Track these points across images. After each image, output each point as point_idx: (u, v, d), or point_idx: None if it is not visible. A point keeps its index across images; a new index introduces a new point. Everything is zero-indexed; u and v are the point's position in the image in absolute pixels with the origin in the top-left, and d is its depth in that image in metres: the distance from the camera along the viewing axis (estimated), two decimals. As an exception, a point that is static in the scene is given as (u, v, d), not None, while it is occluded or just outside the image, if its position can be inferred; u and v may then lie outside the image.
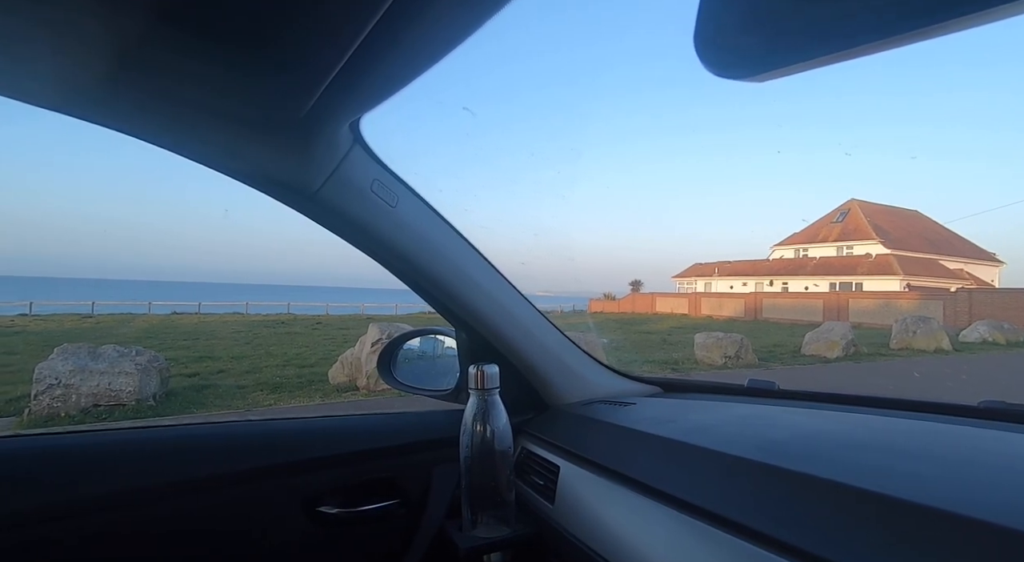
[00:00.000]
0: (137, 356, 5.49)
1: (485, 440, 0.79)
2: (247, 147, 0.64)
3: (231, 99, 0.55)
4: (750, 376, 1.02)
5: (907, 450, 0.58)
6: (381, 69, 0.52)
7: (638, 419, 0.85)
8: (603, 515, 0.71)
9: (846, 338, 10.23)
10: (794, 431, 0.68)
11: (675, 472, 0.67)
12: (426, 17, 0.45)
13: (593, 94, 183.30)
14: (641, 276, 57.38)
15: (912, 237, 30.51)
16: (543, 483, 0.85)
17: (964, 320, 16.57)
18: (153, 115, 0.59)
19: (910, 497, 0.46)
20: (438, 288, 0.86)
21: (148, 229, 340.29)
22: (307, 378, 7.03)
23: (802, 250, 34.23)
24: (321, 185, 0.69)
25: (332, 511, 0.85)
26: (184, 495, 0.77)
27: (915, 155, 65.69)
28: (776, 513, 0.52)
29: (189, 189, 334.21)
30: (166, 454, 0.79)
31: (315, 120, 0.60)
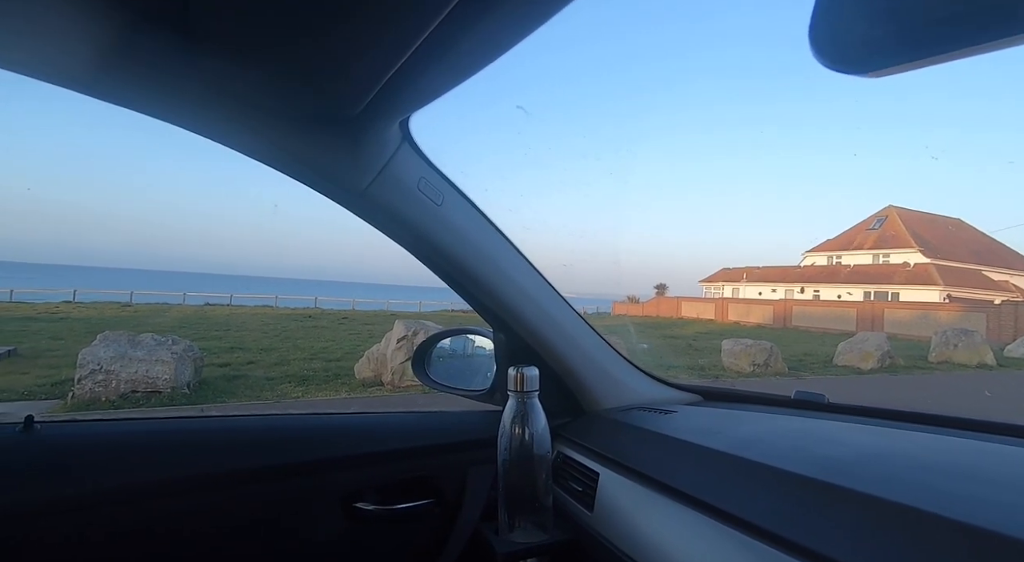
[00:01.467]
0: (173, 345, 5.68)
1: (524, 443, 0.78)
2: (300, 143, 0.64)
3: (288, 97, 0.56)
4: (780, 385, 0.99)
5: (972, 473, 0.54)
6: (436, 69, 0.52)
7: (681, 428, 0.83)
8: (644, 524, 0.69)
9: (881, 349, 9.87)
10: (853, 449, 0.65)
11: (723, 484, 0.65)
12: (486, 20, 0.44)
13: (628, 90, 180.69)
14: (667, 280, 56.55)
15: (954, 246, 29.26)
16: (581, 489, 0.84)
17: (1009, 334, 15.81)
18: (213, 111, 0.60)
19: (979, 523, 0.43)
20: (479, 287, 0.86)
21: (183, 223, 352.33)
22: (333, 372, 7.16)
23: (835, 257, 33.20)
24: (370, 183, 0.69)
25: (369, 508, 0.86)
26: (223, 487, 0.78)
27: (936, 156, 62.81)
28: (833, 533, 0.49)
29: (225, 184, 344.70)
30: (209, 444, 0.80)
31: (368, 118, 0.60)
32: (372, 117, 0.61)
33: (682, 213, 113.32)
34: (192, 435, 0.81)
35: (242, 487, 0.79)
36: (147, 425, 0.82)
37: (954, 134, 69.43)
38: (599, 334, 0.99)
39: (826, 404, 0.90)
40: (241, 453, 0.81)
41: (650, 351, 11.46)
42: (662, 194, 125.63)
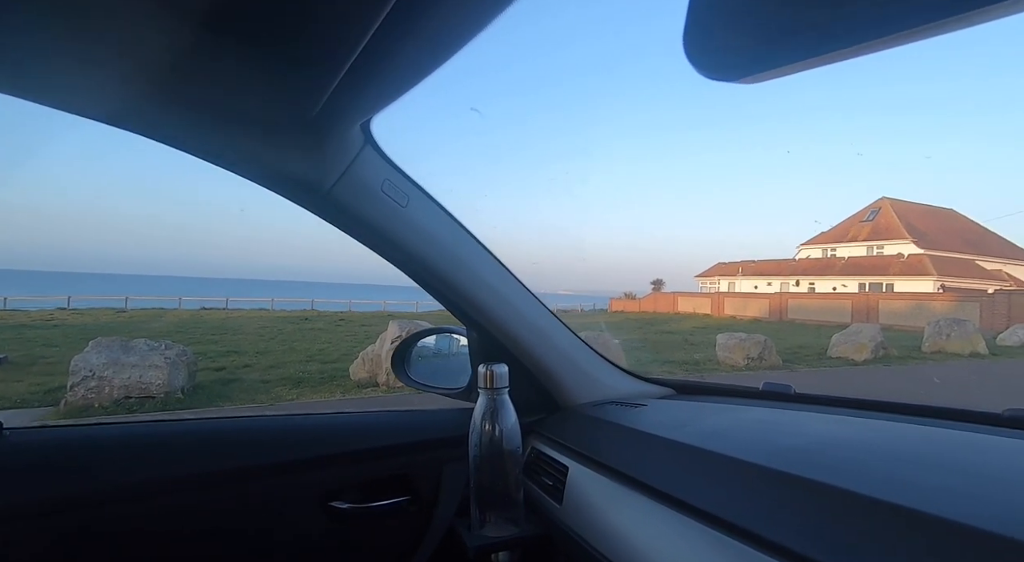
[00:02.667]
0: (166, 350, 5.67)
1: (494, 439, 0.79)
2: (259, 147, 0.65)
3: (243, 99, 0.57)
4: (774, 378, 1.00)
5: (930, 460, 0.56)
6: (389, 69, 0.53)
7: (649, 421, 0.84)
8: (611, 517, 0.71)
9: (875, 340, 9.92)
10: (812, 438, 0.67)
11: (687, 477, 0.66)
12: (431, 17, 0.45)
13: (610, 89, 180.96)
14: (663, 275, 56.72)
15: (947, 236, 29.39)
16: (552, 483, 0.85)
17: (1002, 323, 15.90)
18: (167, 117, 0.61)
19: (935, 511, 0.44)
20: (449, 287, 0.87)
21: (181, 227, 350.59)
22: (329, 374, 7.16)
23: (830, 250, 33.31)
24: (333, 185, 0.70)
25: (344, 506, 0.87)
26: (202, 488, 0.79)
27: (930, 155, 63.05)
28: (792, 523, 0.51)
29: (220, 187, 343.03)
30: (185, 447, 0.81)
31: (326, 120, 0.61)
32: (331, 119, 0.62)
33: (677, 209, 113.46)
34: (166, 438, 0.82)
35: (217, 489, 0.80)
36: (120, 429, 0.83)
37: (944, 121, 69.70)
38: (571, 330, 1.00)
39: (793, 395, 0.92)
40: (216, 455, 0.82)
41: (645, 347, 11.49)
42: (654, 192, 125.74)
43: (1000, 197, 62.41)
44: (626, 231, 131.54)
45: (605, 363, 1.05)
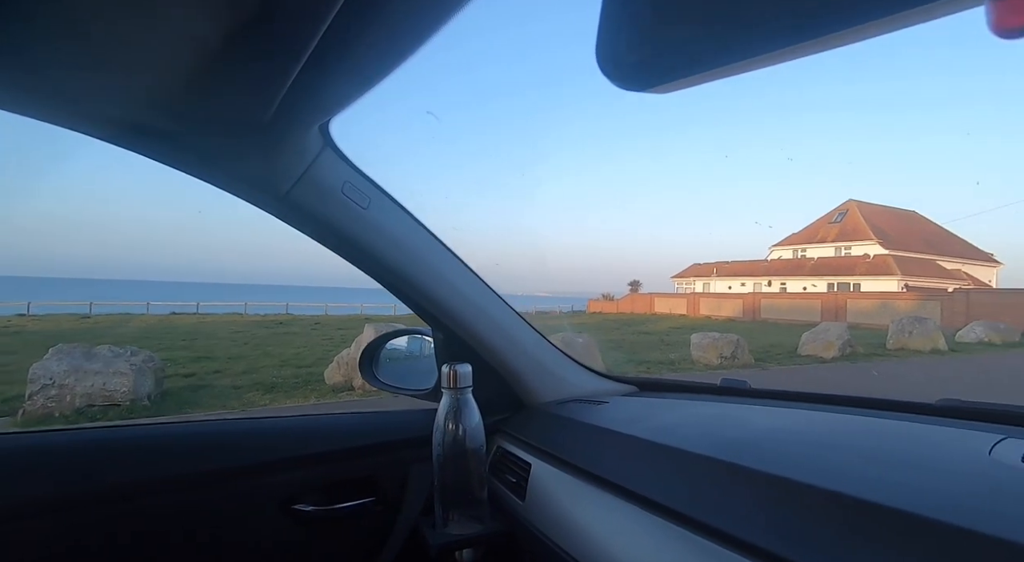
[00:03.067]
0: (132, 356, 5.50)
1: (457, 438, 0.80)
2: (215, 150, 0.65)
3: (193, 101, 0.57)
4: (746, 377, 1.03)
5: (865, 449, 0.59)
6: (342, 74, 0.54)
7: (609, 418, 0.86)
8: (571, 512, 0.72)
9: (842, 338, 10.24)
10: (759, 430, 0.70)
11: (641, 471, 0.68)
12: (378, 22, 0.46)
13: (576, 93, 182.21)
14: (640, 276, 57.53)
15: (910, 237, 30.54)
16: (516, 481, 0.86)
17: (961, 320, 16.58)
18: (119, 119, 0.60)
19: (862, 495, 0.47)
20: (413, 288, 0.87)
21: (147, 229, 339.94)
22: (304, 378, 7.04)
23: (800, 250, 34.26)
24: (291, 187, 0.70)
25: (307, 509, 0.87)
26: (160, 493, 0.78)
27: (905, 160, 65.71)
28: (737, 512, 0.53)
29: (186, 188, 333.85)
30: (143, 452, 0.80)
31: (281, 123, 0.61)
32: (286, 123, 0.62)
33: (653, 211, 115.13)
34: (122, 443, 0.81)
35: (175, 493, 0.79)
36: (74, 436, 0.81)
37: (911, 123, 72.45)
38: (536, 330, 1.01)
39: (748, 389, 0.95)
40: (174, 460, 0.80)
41: (623, 347, 11.62)
42: (630, 194, 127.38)
43: (959, 200, 65.18)
44: (604, 233, 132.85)
45: (570, 362, 1.06)
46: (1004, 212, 68.28)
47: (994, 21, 0.16)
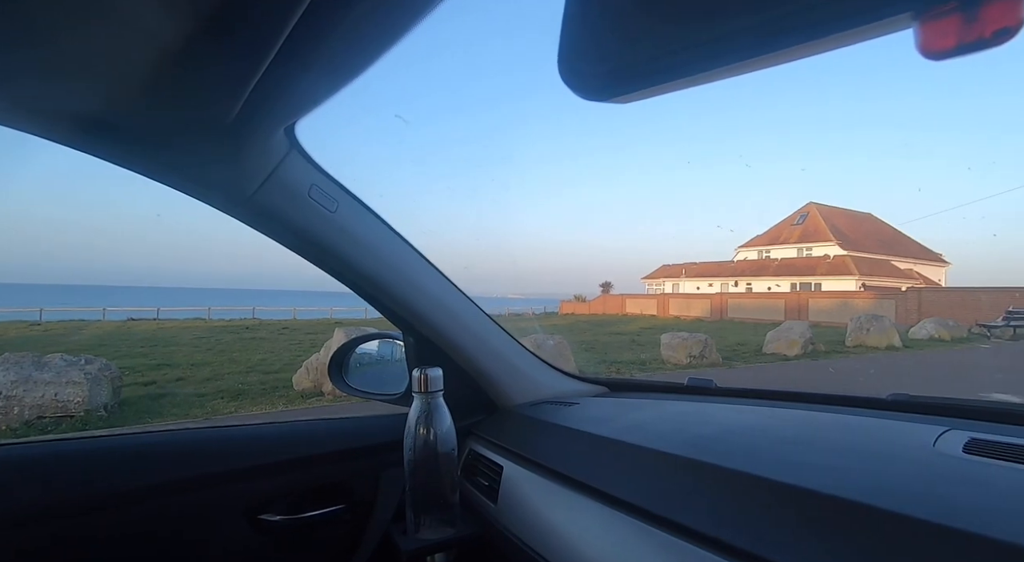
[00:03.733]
0: (87, 365, 5.24)
1: (428, 443, 0.80)
2: (174, 152, 0.63)
3: (154, 103, 0.55)
4: (714, 375, 1.06)
5: (820, 443, 0.62)
6: (307, 75, 0.53)
7: (579, 418, 0.87)
8: (543, 514, 0.73)
9: (805, 336, 10.61)
10: (721, 427, 0.72)
11: (611, 470, 0.69)
12: (347, 22, 0.46)
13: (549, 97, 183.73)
14: (612, 277, 58.42)
15: (866, 239, 31.93)
16: (488, 484, 0.87)
17: (914, 318, 17.43)
18: (76, 121, 0.58)
19: (817, 488, 0.49)
20: (382, 292, 0.87)
21: (101, 231, 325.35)
22: (271, 384, 6.86)
23: (765, 251, 35.37)
24: (256, 190, 0.69)
25: (275, 519, 0.85)
26: (119, 507, 0.75)
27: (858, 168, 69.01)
28: (701, 507, 0.54)
29: (144, 188, 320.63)
30: (102, 464, 0.77)
31: (246, 124, 0.60)
32: (251, 124, 0.61)
33: (624, 213, 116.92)
34: (80, 456, 0.77)
35: (137, 505, 0.76)
36: (25, 449, 0.77)
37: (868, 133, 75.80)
38: (507, 332, 1.02)
39: (713, 388, 0.98)
40: (134, 471, 0.78)
41: (595, 348, 11.75)
42: (600, 196, 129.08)
43: (912, 203, 68.56)
44: (576, 235, 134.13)
45: (541, 364, 1.07)
46: (952, 215, 72.14)
47: (921, 43, 0.18)
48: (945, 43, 0.18)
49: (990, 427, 0.62)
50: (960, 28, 0.17)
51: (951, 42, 0.17)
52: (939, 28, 0.18)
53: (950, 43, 0.17)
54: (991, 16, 0.17)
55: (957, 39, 0.17)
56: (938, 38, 0.18)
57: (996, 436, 0.56)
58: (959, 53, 0.18)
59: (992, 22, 0.17)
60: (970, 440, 0.56)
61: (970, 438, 0.56)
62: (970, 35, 0.17)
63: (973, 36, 0.17)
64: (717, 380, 1.02)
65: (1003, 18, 0.17)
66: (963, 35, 0.17)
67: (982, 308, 17.45)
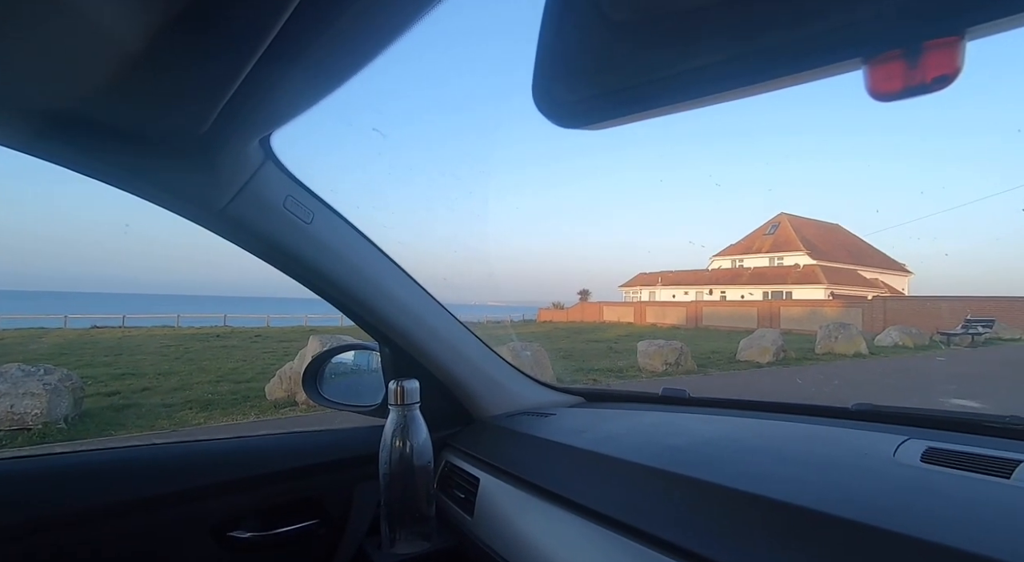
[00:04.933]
0: (46, 375, 5.02)
1: (404, 456, 0.79)
2: (146, 163, 0.62)
3: (125, 113, 0.54)
4: (689, 382, 1.08)
5: (786, 453, 0.63)
6: (285, 87, 0.53)
7: (555, 430, 0.88)
8: (519, 526, 0.73)
9: (776, 344, 10.86)
10: (692, 438, 0.73)
11: (584, 481, 0.70)
12: (324, 39, 0.46)
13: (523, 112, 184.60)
14: (590, 285, 58.92)
15: (834, 249, 32.98)
16: (464, 496, 0.86)
17: (879, 325, 18.01)
18: (43, 131, 0.57)
19: (781, 497, 0.51)
20: (358, 303, 0.86)
21: (64, 235, 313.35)
22: (243, 394, 6.68)
23: (738, 261, 36.19)
24: (229, 201, 0.68)
25: (245, 535, 0.83)
26: (80, 525, 0.72)
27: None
28: (672, 518, 0.55)
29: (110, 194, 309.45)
30: (62, 482, 0.74)
31: (219, 136, 0.59)
32: (224, 135, 0.60)
33: (601, 222, 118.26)
34: (39, 473, 0.74)
35: (101, 524, 0.73)
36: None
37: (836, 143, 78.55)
38: (484, 342, 1.02)
39: (687, 398, 1.00)
40: (96, 489, 0.75)
41: (573, 355, 11.80)
42: (577, 205, 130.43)
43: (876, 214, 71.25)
44: (553, 244, 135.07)
45: (518, 374, 1.08)
46: (913, 226, 75.14)
47: (870, 86, 0.20)
48: (892, 86, 0.19)
49: (948, 436, 0.64)
50: (905, 73, 0.19)
51: (897, 85, 0.19)
52: (886, 72, 0.19)
53: (896, 86, 0.19)
54: (931, 63, 0.18)
55: (903, 83, 0.19)
56: (885, 81, 0.19)
57: (953, 445, 0.59)
58: (904, 96, 0.19)
59: (932, 69, 0.19)
60: (928, 449, 0.58)
61: (928, 447, 0.58)
62: (913, 80, 0.19)
63: (916, 81, 0.19)
64: (692, 387, 1.04)
65: (941, 66, 0.18)
66: (908, 79, 0.19)
67: (943, 316, 18.17)
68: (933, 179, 70.39)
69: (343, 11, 0.42)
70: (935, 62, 0.19)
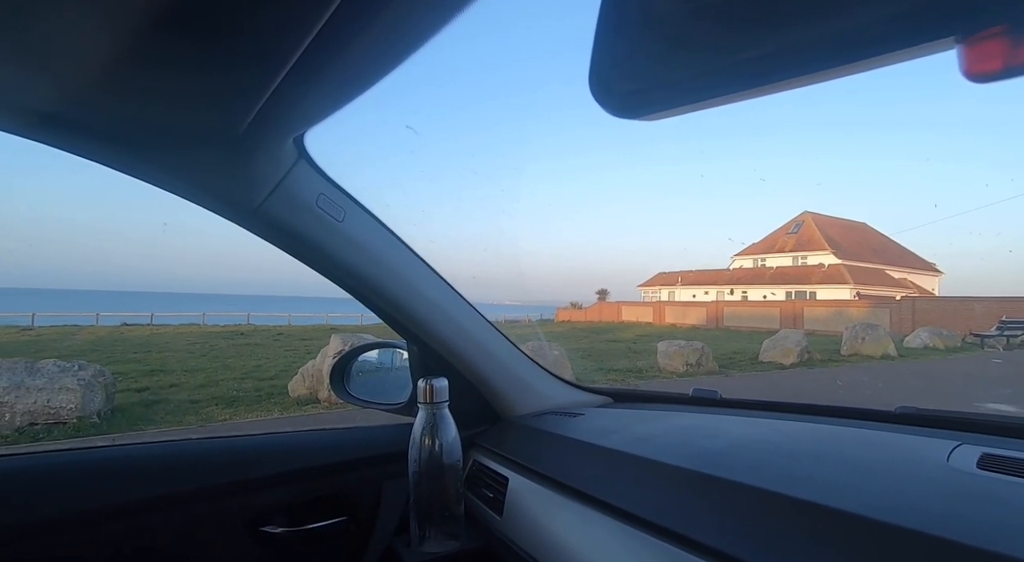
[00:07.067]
0: (80, 371, 5.19)
1: (433, 454, 0.79)
2: (185, 163, 0.63)
3: (165, 113, 0.55)
4: (710, 383, 1.06)
5: (829, 457, 0.61)
6: (321, 87, 0.53)
7: (585, 430, 0.87)
8: (549, 526, 0.72)
9: (800, 345, 10.63)
10: (729, 440, 0.71)
11: (618, 483, 0.68)
12: (363, 39, 0.46)
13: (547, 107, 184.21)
14: (608, 285, 58.65)
15: (860, 248, 32.15)
16: (492, 495, 0.86)
17: (908, 327, 17.51)
18: (84, 129, 0.58)
19: (828, 502, 0.49)
20: (387, 302, 0.86)
21: (95, 235, 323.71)
22: (266, 391, 6.81)
23: (760, 260, 35.54)
24: (263, 200, 0.69)
25: (277, 531, 0.83)
26: (123, 517, 0.74)
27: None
28: (709, 521, 0.54)
29: (145, 194, 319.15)
30: (105, 475, 0.76)
31: (255, 136, 0.60)
32: (260, 135, 0.60)
33: (621, 221, 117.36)
34: (82, 466, 0.76)
35: (139, 516, 0.75)
36: (25, 461, 0.76)
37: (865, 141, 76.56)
38: (512, 342, 1.02)
39: (718, 399, 0.98)
40: (138, 482, 0.76)
41: (592, 355, 11.74)
42: (598, 204, 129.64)
43: (904, 212, 69.26)
44: (573, 243, 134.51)
45: (545, 374, 1.07)
46: (944, 225, 72.83)
47: (965, 66, 0.18)
48: (991, 66, 0.17)
49: (999, 441, 0.61)
50: (1007, 51, 0.17)
51: (998, 65, 0.17)
52: (985, 51, 0.17)
53: (997, 66, 0.17)
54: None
55: (1004, 62, 0.17)
56: (984, 61, 0.18)
57: (1008, 451, 0.56)
58: (1006, 76, 0.17)
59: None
60: (983, 455, 0.55)
61: (983, 453, 0.56)
62: (1018, 58, 0.17)
63: (1020, 60, 0.17)
64: (717, 388, 1.02)
65: None
66: (1010, 58, 0.17)
67: (975, 317, 17.57)
68: (966, 176, 68.12)
69: (380, 12, 0.42)
70: None
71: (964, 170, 68.50)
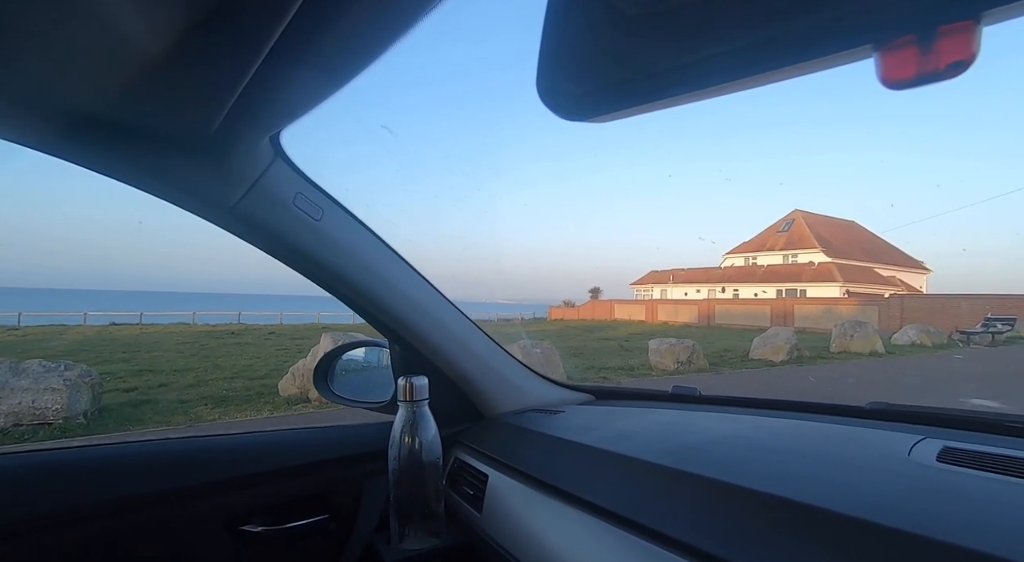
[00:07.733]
0: (66, 371, 5.13)
1: (413, 452, 0.79)
2: (159, 162, 0.63)
3: (135, 111, 0.54)
4: (701, 380, 1.07)
5: (799, 452, 0.62)
6: (292, 85, 0.53)
7: (565, 427, 0.88)
8: (528, 523, 0.73)
9: (790, 343, 10.72)
10: (704, 436, 0.72)
11: (595, 479, 0.69)
12: (329, 36, 0.46)
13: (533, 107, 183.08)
14: (601, 283, 58.84)
15: (850, 246, 32.45)
16: (473, 492, 0.86)
17: (896, 324, 17.71)
18: (56, 128, 0.57)
19: (795, 497, 0.50)
20: (368, 300, 0.86)
21: (83, 235, 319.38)
22: (256, 391, 6.77)
23: (751, 258, 35.78)
24: (240, 199, 0.68)
25: (256, 530, 0.83)
26: (100, 517, 0.74)
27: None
28: (684, 516, 0.55)
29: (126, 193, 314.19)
30: (79, 476, 0.75)
31: (230, 134, 0.60)
32: (235, 133, 0.60)
33: (613, 220, 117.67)
34: (57, 467, 0.75)
35: (115, 517, 0.74)
36: (6, 460, 0.75)
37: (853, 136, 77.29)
38: (493, 340, 1.02)
39: (698, 396, 0.99)
40: (111, 482, 0.76)
41: (584, 353, 11.77)
42: (588, 202, 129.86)
43: (893, 210, 70.02)
44: (565, 242, 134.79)
45: (527, 372, 1.07)
46: (931, 223, 73.72)
47: (882, 73, 0.19)
48: (904, 73, 0.19)
49: (964, 435, 0.63)
50: (918, 60, 0.18)
51: (910, 72, 0.19)
52: (898, 59, 0.19)
53: (909, 73, 0.19)
54: (945, 49, 0.18)
55: (916, 70, 0.18)
56: (898, 68, 0.19)
57: (969, 444, 0.57)
58: (918, 83, 0.19)
59: (946, 55, 0.18)
60: (944, 449, 0.57)
61: (944, 447, 0.57)
62: (927, 67, 0.18)
63: (930, 68, 0.18)
64: (704, 386, 1.03)
65: (956, 52, 0.18)
66: (921, 66, 0.18)
67: (962, 314, 17.82)
68: (951, 173, 69.01)
69: (347, 8, 0.43)
70: (949, 48, 0.18)
71: (959, 167, 69.39)
